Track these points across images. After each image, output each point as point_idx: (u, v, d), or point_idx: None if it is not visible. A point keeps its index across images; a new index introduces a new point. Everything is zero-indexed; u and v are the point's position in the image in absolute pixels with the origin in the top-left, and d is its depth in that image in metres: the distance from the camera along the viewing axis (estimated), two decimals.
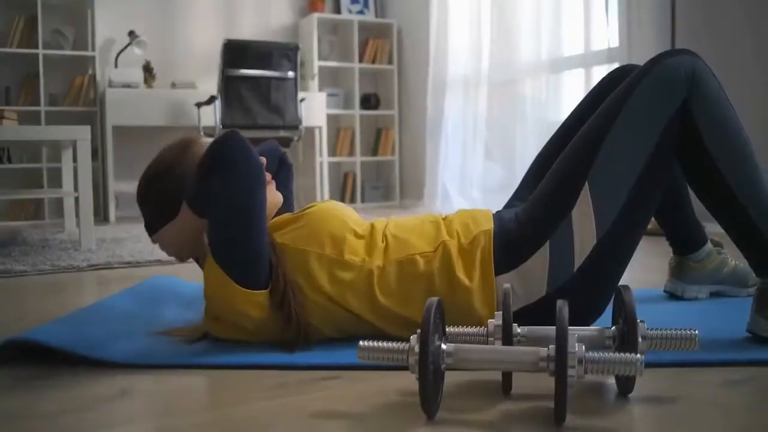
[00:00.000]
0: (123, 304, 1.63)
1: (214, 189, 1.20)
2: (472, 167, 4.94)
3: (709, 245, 1.64)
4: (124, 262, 2.55)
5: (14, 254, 2.81)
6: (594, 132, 1.27)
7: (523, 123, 4.44)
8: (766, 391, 1.02)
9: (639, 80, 1.27)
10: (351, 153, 5.97)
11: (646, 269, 2.22)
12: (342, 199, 5.99)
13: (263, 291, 1.22)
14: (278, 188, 1.49)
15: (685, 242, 1.63)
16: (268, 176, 1.36)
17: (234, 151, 1.19)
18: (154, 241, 1.37)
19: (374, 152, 6.12)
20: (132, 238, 3.40)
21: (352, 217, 1.34)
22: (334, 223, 1.29)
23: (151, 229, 1.37)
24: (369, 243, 1.29)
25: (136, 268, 2.51)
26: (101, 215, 5.03)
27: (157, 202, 1.34)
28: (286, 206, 1.52)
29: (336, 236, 1.27)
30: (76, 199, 2.99)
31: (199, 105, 4.76)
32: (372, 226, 1.34)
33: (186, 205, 1.28)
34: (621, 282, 1.95)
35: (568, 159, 1.28)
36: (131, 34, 5.11)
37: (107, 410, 0.98)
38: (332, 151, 5.94)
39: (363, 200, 5.98)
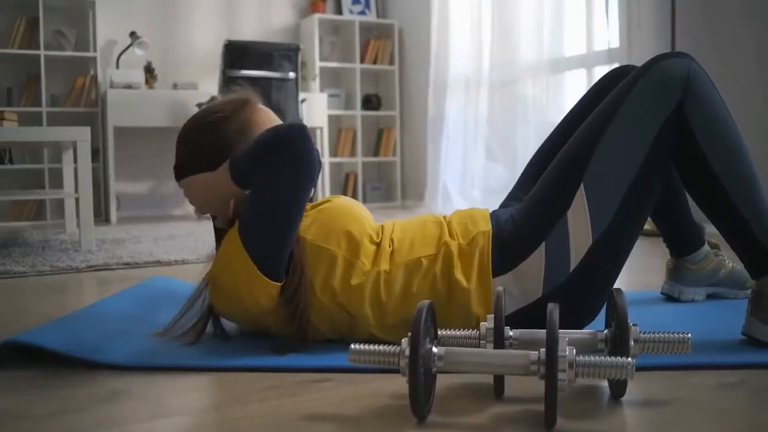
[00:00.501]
0: (120, 306, 1.63)
1: (267, 171, 1.20)
2: (473, 168, 4.94)
3: (706, 247, 1.63)
4: (122, 264, 2.55)
5: (14, 255, 2.81)
6: (589, 134, 1.27)
7: (524, 123, 4.44)
8: (760, 393, 1.01)
9: (635, 82, 1.27)
10: (352, 153, 5.98)
11: (644, 270, 2.21)
12: None
13: (278, 283, 1.22)
14: None
15: (682, 244, 1.63)
16: None
17: (300, 143, 1.20)
18: (180, 186, 1.36)
19: (375, 153, 6.12)
20: (132, 239, 3.40)
21: (368, 219, 1.35)
22: (352, 223, 1.29)
23: (181, 172, 1.36)
24: (378, 248, 1.29)
25: (135, 269, 2.51)
26: (103, 216, 5.04)
27: (196, 151, 1.34)
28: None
29: (353, 237, 1.27)
30: (77, 200, 3.00)
31: (200, 106, 4.76)
32: (381, 228, 1.34)
33: (228, 169, 1.26)
34: (620, 284, 1.96)
35: (563, 160, 1.28)
36: (132, 35, 5.11)
37: (100, 412, 0.99)
38: (333, 152, 5.95)
39: (364, 201, 5.98)
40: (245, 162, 1.23)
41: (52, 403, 1.02)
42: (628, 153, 1.24)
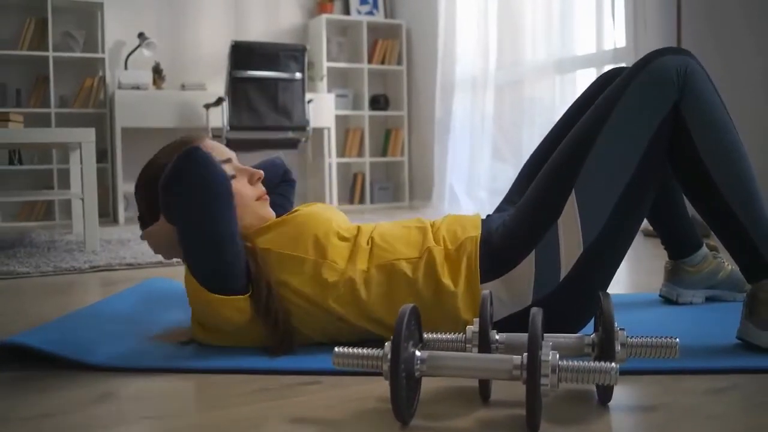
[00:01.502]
0: (117, 307, 1.64)
1: (175, 201, 1.21)
2: (480, 169, 4.93)
3: (704, 249, 1.61)
4: (125, 264, 2.56)
5: (19, 255, 2.83)
6: (581, 138, 1.24)
7: (530, 123, 4.43)
8: (750, 399, 1.00)
9: (628, 83, 1.23)
10: (360, 154, 5.98)
11: (645, 272, 2.20)
12: (351, 200, 6.00)
13: (242, 296, 1.22)
14: (280, 201, 1.50)
15: (679, 246, 1.61)
16: (262, 192, 1.37)
17: (192, 166, 1.19)
18: (142, 237, 1.38)
19: (383, 153, 6.12)
20: (137, 240, 3.41)
21: (338, 219, 1.34)
22: (319, 226, 1.28)
23: (142, 223, 1.38)
24: (353, 246, 1.29)
25: (138, 270, 2.52)
26: (111, 216, 5.06)
27: (146, 203, 1.36)
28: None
29: (320, 239, 1.27)
30: (82, 201, 3.01)
31: (207, 106, 4.78)
32: (358, 228, 1.33)
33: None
34: (621, 285, 1.95)
35: (554, 166, 1.26)
36: (141, 36, 5.14)
37: (88, 413, 0.99)
38: (341, 152, 5.95)
39: (372, 201, 5.98)
40: (162, 198, 1.24)
41: (42, 405, 1.03)
42: (622, 157, 1.21)
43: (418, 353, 0.91)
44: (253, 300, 1.23)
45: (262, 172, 1.38)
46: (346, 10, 6.01)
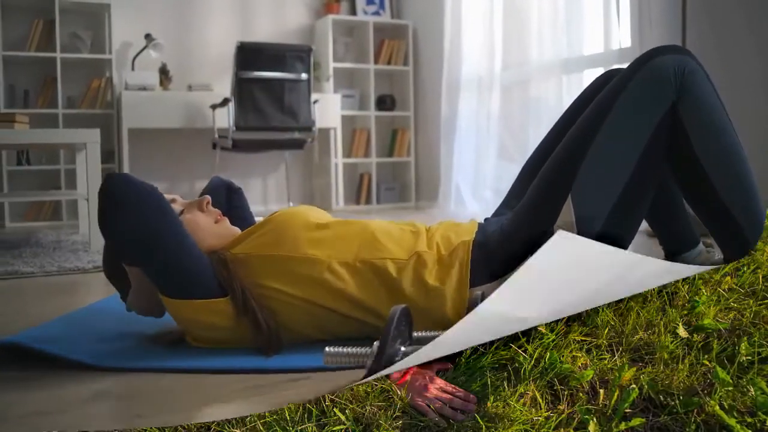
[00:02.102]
0: (115, 307, 1.64)
1: (116, 235, 1.22)
2: (485, 169, 4.92)
3: (701, 245, 1.61)
4: None
5: (25, 255, 2.85)
6: (582, 134, 1.23)
7: (537, 123, 4.42)
8: None
9: (630, 78, 1.22)
10: (366, 154, 5.98)
11: None
12: (357, 201, 6.00)
13: (221, 299, 1.23)
14: (239, 213, 1.52)
15: (676, 243, 1.60)
16: (217, 214, 1.38)
17: (114, 193, 1.20)
18: (127, 309, 1.39)
19: (390, 153, 6.12)
20: None
21: (314, 214, 1.35)
22: (297, 223, 1.30)
23: (123, 299, 1.40)
24: (336, 237, 1.29)
25: None
26: None
27: (111, 271, 1.37)
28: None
29: (297, 236, 1.27)
30: (87, 201, 3.03)
31: (213, 107, 4.80)
32: (344, 222, 1.34)
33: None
34: None
35: (550, 171, 1.25)
36: (148, 37, 5.16)
37: (84, 412, 1.00)
38: (348, 152, 5.96)
39: (378, 201, 5.98)
40: (113, 245, 1.27)
41: (38, 403, 1.04)
42: (618, 162, 1.20)
43: (402, 348, 0.92)
44: (232, 303, 1.24)
45: (208, 197, 1.39)
46: (353, 11, 6.01)
